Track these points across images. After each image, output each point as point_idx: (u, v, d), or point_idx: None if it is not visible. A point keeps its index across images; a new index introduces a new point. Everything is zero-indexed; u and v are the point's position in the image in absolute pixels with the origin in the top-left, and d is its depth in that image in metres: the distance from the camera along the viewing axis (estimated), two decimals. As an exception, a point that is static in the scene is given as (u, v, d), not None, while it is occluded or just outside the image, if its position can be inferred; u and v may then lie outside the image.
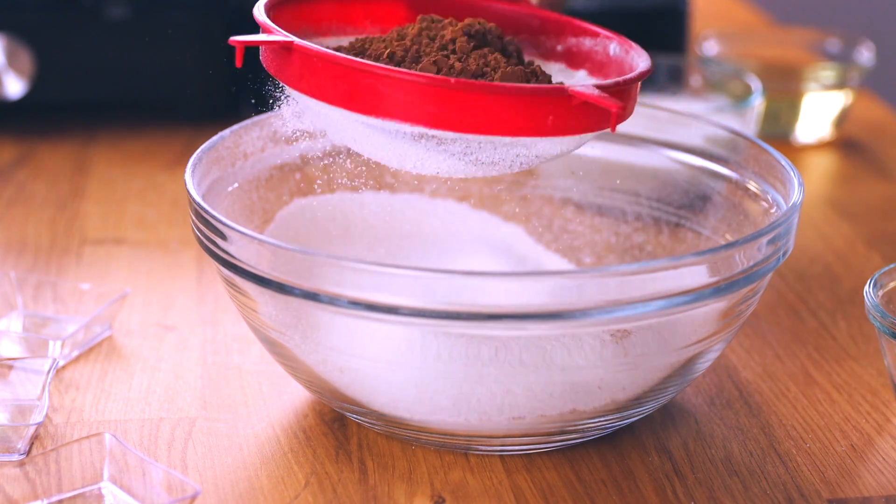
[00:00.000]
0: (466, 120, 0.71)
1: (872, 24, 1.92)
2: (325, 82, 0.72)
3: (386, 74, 0.71)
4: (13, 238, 1.04)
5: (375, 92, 0.71)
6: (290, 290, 0.72)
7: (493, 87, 0.71)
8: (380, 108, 0.72)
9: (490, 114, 0.71)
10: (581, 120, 0.72)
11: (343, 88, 0.72)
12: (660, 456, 0.78)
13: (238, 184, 0.85)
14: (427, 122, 0.71)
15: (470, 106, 0.71)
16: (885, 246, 1.04)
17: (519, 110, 0.71)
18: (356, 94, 0.72)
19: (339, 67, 0.72)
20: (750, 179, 0.85)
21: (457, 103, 0.71)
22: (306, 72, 0.73)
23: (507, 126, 0.71)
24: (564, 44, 0.83)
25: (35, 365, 0.81)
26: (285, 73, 0.74)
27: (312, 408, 0.82)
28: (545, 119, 0.71)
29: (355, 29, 0.83)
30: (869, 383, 0.85)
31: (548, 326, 0.71)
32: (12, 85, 1.19)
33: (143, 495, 0.72)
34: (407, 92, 0.71)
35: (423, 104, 0.71)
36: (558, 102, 0.71)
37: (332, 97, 0.73)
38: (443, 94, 0.71)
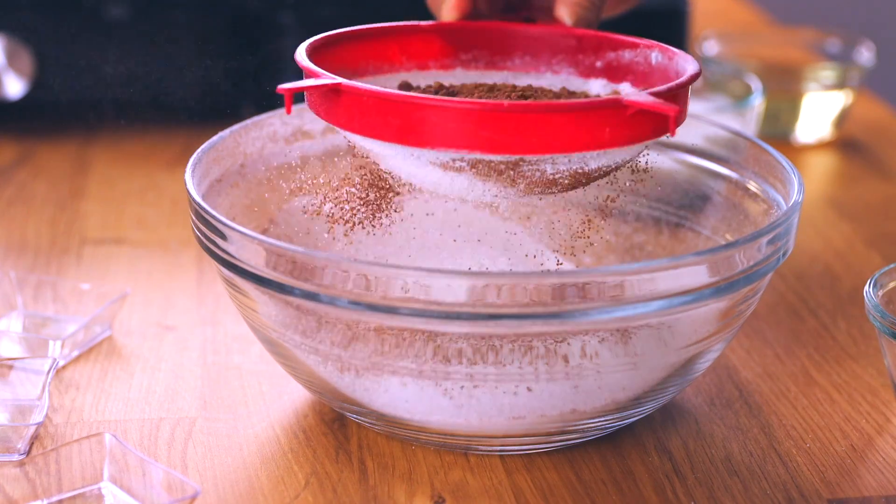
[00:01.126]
0: (521, 141, 0.71)
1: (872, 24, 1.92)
2: (377, 120, 0.72)
3: (438, 105, 0.71)
4: (13, 238, 1.04)
5: (428, 124, 0.71)
6: (290, 290, 0.72)
7: (547, 105, 0.71)
8: (433, 140, 0.71)
9: (545, 132, 0.71)
10: (638, 129, 0.72)
11: (395, 124, 0.72)
12: (660, 456, 0.78)
13: (238, 184, 0.85)
14: (482, 148, 0.71)
15: (523, 126, 0.71)
16: (885, 246, 1.04)
17: (574, 125, 0.71)
18: (408, 128, 0.72)
19: (389, 103, 0.72)
20: (750, 179, 0.85)
21: (510, 125, 0.71)
22: (356, 112, 0.73)
23: (563, 143, 0.71)
24: (604, 59, 0.83)
25: (35, 365, 0.81)
26: (334, 115, 0.74)
27: (312, 408, 0.82)
28: (602, 132, 0.71)
29: (391, 66, 0.83)
30: (869, 383, 0.85)
31: (548, 326, 0.71)
32: (12, 85, 1.19)
33: (143, 495, 0.72)
34: (459, 119, 0.71)
35: (477, 130, 0.71)
36: (613, 113, 0.71)
37: (384, 134, 0.72)
38: (496, 117, 0.70)
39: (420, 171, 0.74)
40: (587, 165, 0.73)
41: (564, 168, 0.73)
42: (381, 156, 0.75)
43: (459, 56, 0.85)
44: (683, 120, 0.75)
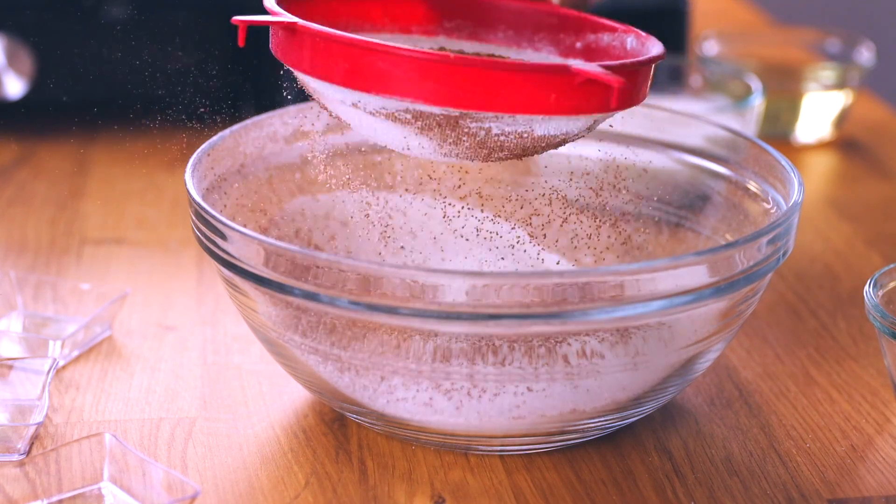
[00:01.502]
0: (465, 95, 0.70)
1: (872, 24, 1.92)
2: (327, 61, 0.72)
3: (386, 50, 0.71)
4: (13, 238, 1.04)
5: (375, 69, 0.71)
6: (289, 290, 0.72)
7: (493, 62, 0.71)
8: (379, 85, 0.71)
9: (490, 89, 0.70)
10: (585, 99, 0.71)
11: (343, 67, 0.72)
12: (660, 456, 0.78)
13: (238, 184, 0.85)
14: (426, 99, 0.71)
15: (469, 81, 0.70)
16: (885, 246, 1.04)
17: (520, 86, 0.70)
18: (355, 72, 0.71)
19: (339, 45, 0.72)
20: (750, 179, 0.85)
21: (456, 78, 0.70)
22: (308, 52, 0.73)
23: (508, 102, 0.71)
24: (583, 41, 0.83)
25: (35, 365, 0.81)
26: (290, 56, 0.74)
27: (312, 408, 0.82)
28: (547, 96, 0.71)
29: (373, 27, 0.83)
30: (869, 383, 0.85)
31: (548, 326, 0.71)
32: (12, 85, 1.19)
33: (143, 495, 0.72)
34: (405, 67, 0.70)
35: (421, 79, 0.70)
36: (560, 79, 0.71)
37: (333, 76, 0.72)
38: (442, 68, 0.70)
39: (365, 119, 0.74)
40: (533, 131, 0.73)
41: (510, 130, 0.72)
42: (330, 99, 0.75)
43: (443, 23, 0.84)
44: (638, 100, 0.74)
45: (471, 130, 0.72)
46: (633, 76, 0.73)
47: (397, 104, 0.72)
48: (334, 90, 0.74)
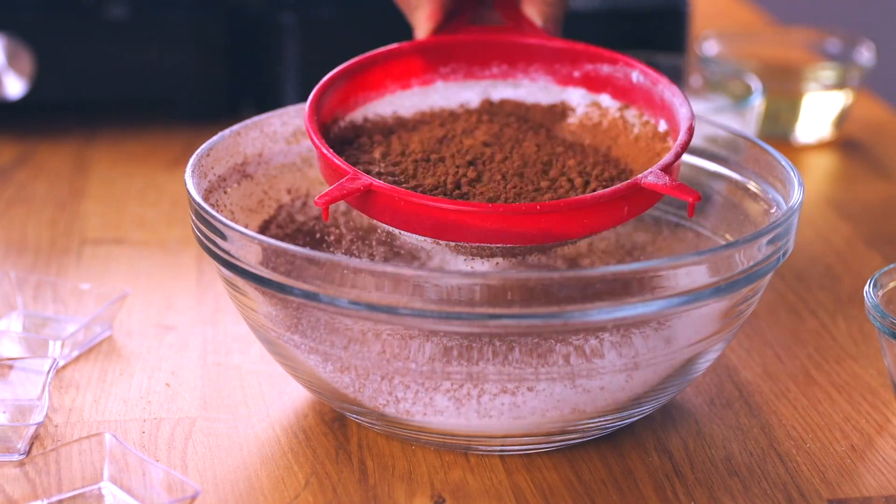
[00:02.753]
0: (550, 236, 0.74)
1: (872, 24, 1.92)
2: (409, 218, 0.74)
3: (470, 211, 0.73)
4: (13, 238, 1.04)
5: (461, 225, 0.73)
6: (290, 290, 0.72)
7: (574, 202, 0.74)
8: (467, 236, 0.74)
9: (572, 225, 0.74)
10: (652, 199, 0.76)
11: (427, 223, 0.74)
12: (660, 456, 0.78)
13: (238, 184, 0.85)
14: (513, 241, 0.74)
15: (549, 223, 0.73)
16: (885, 246, 1.04)
17: (598, 215, 0.74)
18: (442, 228, 0.74)
19: (419, 206, 0.74)
20: (750, 179, 0.85)
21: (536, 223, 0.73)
22: (390, 209, 0.75)
23: (589, 228, 0.74)
24: (581, 70, 0.84)
25: (35, 365, 0.81)
26: (370, 209, 0.76)
27: (312, 408, 0.82)
28: (621, 212, 0.75)
29: (378, 93, 0.84)
30: (869, 383, 0.85)
31: (548, 326, 0.71)
32: (12, 85, 1.19)
33: (143, 495, 0.72)
34: (491, 221, 0.73)
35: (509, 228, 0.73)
36: (633, 197, 0.75)
37: (417, 229, 0.74)
38: (528, 219, 0.73)
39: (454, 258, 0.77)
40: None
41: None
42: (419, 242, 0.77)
43: (439, 70, 0.86)
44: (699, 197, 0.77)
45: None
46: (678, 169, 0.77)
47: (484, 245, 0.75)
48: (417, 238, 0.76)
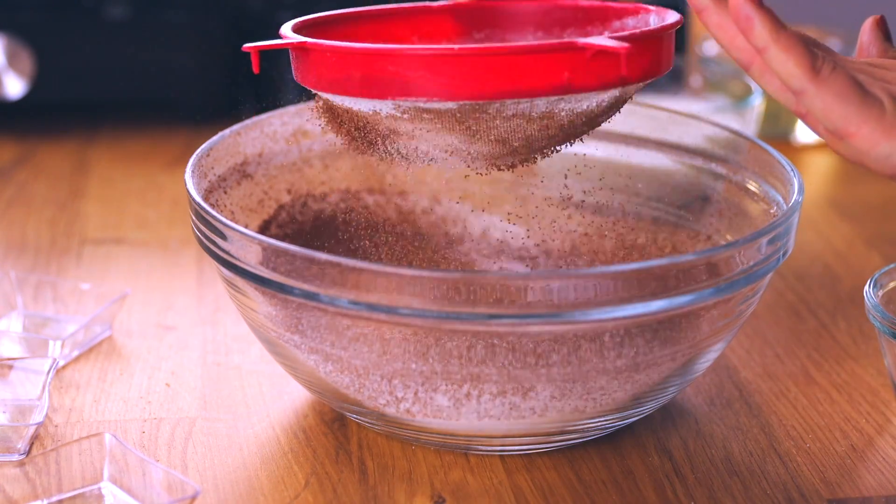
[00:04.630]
0: (477, 85, 0.70)
1: (872, 24, 1.91)
2: (340, 75, 0.72)
3: (392, 52, 0.71)
4: (13, 238, 1.04)
5: (385, 73, 0.71)
6: (290, 290, 0.72)
7: (498, 48, 0.71)
8: (391, 89, 0.71)
9: (500, 75, 0.70)
10: (598, 72, 0.71)
11: (356, 76, 0.72)
12: (660, 456, 0.78)
13: (238, 184, 0.85)
14: (440, 94, 0.71)
15: (478, 69, 0.70)
16: (885, 246, 1.04)
17: (531, 67, 0.70)
18: (368, 79, 0.71)
19: (347, 56, 0.72)
20: (750, 179, 0.85)
21: (465, 69, 0.70)
22: (322, 69, 0.73)
23: (522, 87, 0.70)
24: (610, 28, 0.83)
25: (35, 365, 0.81)
26: (306, 77, 0.74)
27: (312, 408, 0.82)
28: (561, 75, 0.71)
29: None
30: (869, 383, 0.85)
31: (548, 326, 0.71)
32: (12, 85, 1.19)
33: (143, 495, 0.72)
34: (415, 66, 0.70)
35: (433, 76, 0.70)
36: (571, 56, 0.70)
37: (349, 88, 0.72)
38: (449, 61, 0.70)
39: (392, 124, 0.74)
40: (556, 114, 0.73)
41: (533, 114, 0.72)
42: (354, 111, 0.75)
43: (473, 35, 0.84)
44: (657, 68, 0.74)
45: (491, 123, 0.72)
46: (646, 44, 0.72)
47: (413, 106, 0.72)
48: (353, 103, 0.73)
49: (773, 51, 0.66)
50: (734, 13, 0.66)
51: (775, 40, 0.66)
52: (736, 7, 0.66)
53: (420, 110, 0.72)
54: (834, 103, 0.66)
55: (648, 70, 0.73)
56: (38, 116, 1.24)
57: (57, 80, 1.20)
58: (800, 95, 0.67)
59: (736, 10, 0.66)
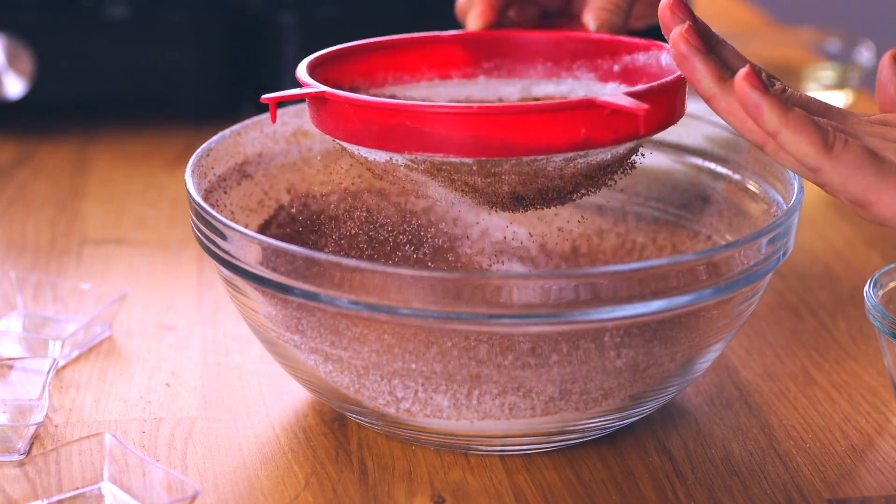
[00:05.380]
0: (495, 143, 0.71)
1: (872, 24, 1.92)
2: (357, 126, 0.73)
3: (410, 109, 0.71)
4: (13, 238, 1.04)
5: (402, 128, 0.72)
6: (290, 290, 0.72)
7: (518, 107, 0.71)
8: (408, 144, 0.72)
9: (519, 134, 0.71)
10: (614, 128, 0.72)
11: (374, 130, 0.72)
12: (660, 456, 0.78)
13: (238, 184, 0.85)
14: (460, 152, 0.71)
15: (496, 128, 0.71)
16: (885, 246, 1.04)
17: (549, 127, 0.71)
18: (386, 134, 0.72)
19: (364, 109, 0.72)
20: (750, 179, 0.85)
21: (483, 127, 0.71)
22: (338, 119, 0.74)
23: (539, 145, 0.71)
24: (620, 63, 0.83)
25: (35, 365, 0.81)
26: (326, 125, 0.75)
27: (312, 408, 0.82)
28: (578, 132, 0.71)
29: (413, 77, 0.84)
30: (869, 383, 0.85)
31: (548, 326, 0.71)
32: (12, 85, 1.19)
33: (143, 495, 0.72)
34: (433, 123, 0.71)
35: (451, 133, 0.71)
36: (588, 114, 0.71)
37: (367, 140, 0.73)
38: (469, 119, 0.71)
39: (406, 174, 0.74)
40: (573, 166, 0.73)
41: (550, 168, 0.73)
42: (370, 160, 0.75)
43: (482, 64, 0.85)
44: (671, 118, 0.74)
45: (507, 177, 0.73)
46: (661, 99, 0.73)
47: (430, 159, 0.72)
48: (369, 153, 0.74)
49: (784, 134, 0.67)
50: (742, 101, 0.67)
51: (785, 124, 0.67)
52: (743, 97, 0.67)
53: (436, 164, 0.72)
54: (851, 176, 0.67)
55: (664, 122, 0.74)
56: (38, 116, 1.24)
57: (57, 80, 1.20)
58: (817, 172, 0.67)
59: (743, 98, 0.67)
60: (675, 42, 0.69)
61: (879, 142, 0.68)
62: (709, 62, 0.69)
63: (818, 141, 0.67)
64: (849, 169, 0.67)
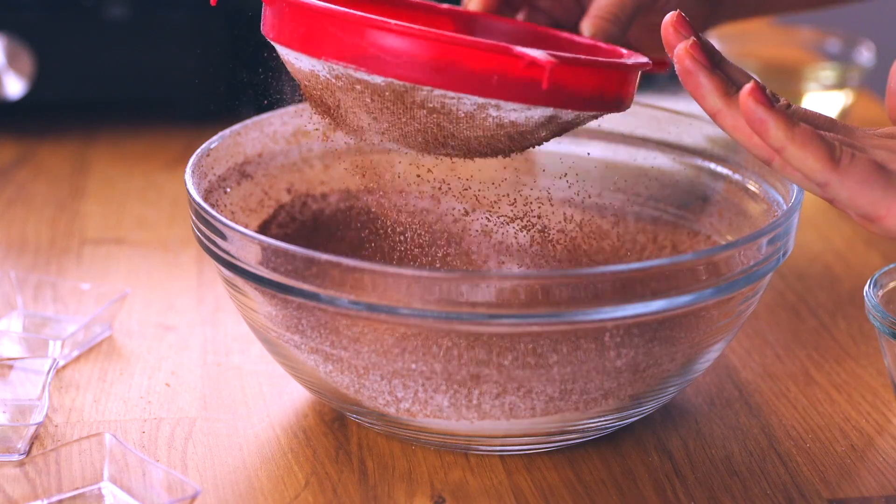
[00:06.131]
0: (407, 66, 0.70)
1: (872, 24, 1.92)
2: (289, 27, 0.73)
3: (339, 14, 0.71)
4: (13, 238, 1.04)
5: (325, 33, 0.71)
6: (289, 290, 0.72)
7: (434, 34, 0.70)
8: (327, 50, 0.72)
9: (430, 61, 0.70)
10: (528, 84, 0.71)
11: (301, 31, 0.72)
12: (660, 456, 0.78)
13: (238, 184, 0.85)
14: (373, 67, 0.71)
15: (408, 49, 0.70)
16: (885, 246, 1.04)
17: (462, 62, 0.70)
18: (309, 36, 0.72)
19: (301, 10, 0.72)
20: (750, 179, 0.85)
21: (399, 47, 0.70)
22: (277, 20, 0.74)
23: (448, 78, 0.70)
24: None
25: (35, 365, 0.81)
26: (266, 26, 0.75)
27: (312, 408, 0.82)
28: (490, 76, 0.70)
29: None
30: (869, 383, 0.85)
31: (548, 326, 0.71)
32: (12, 85, 1.19)
33: (143, 495, 0.72)
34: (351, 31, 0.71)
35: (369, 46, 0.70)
36: (503, 59, 0.70)
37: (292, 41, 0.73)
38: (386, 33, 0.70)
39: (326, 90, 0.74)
40: (482, 117, 0.72)
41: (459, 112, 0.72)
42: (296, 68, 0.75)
43: None
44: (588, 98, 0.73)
45: (418, 110, 0.72)
46: (582, 70, 0.72)
47: (345, 73, 0.72)
48: (296, 59, 0.74)
49: (790, 150, 0.66)
50: (747, 117, 0.67)
51: (791, 139, 0.66)
52: (748, 112, 0.66)
53: (352, 80, 0.72)
54: (859, 190, 0.67)
55: (581, 98, 0.72)
56: (38, 116, 1.24)
57: (57, 80, 1.20)
58: (824, 187, 0.67)
59: (749, 114, 0.67)
60: (680, 57, 0.68)
61: (886, 154, 0.68)
62: (714, 78, 0.68)
63: (825, 156, 0.66)
64: (856, 183, 0.67)
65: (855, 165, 0.66)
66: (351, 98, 0.73)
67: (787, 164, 0.68)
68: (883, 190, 0.67)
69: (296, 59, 0.74)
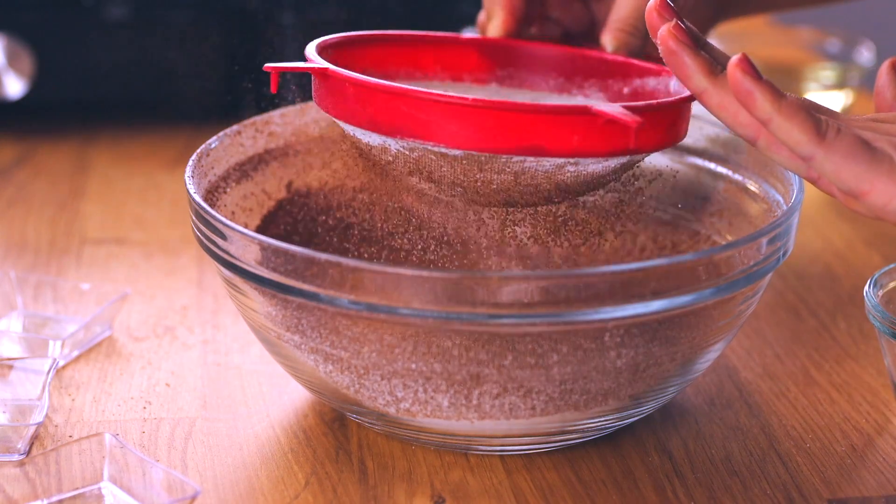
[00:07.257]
0: (485, 138, 0.71)
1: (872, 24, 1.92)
2: (354, 106, 0.73)
3: (407, 94, 0.71)
4: (13, 238, 1.04)
5: (397, 112, 0.71)
6: (290, 290, 0.72)
7: (511, 104, 0.71)
8: (401, 129, 0.72)
9: (509, 132, 0.70)
10: (607, 139, 0.71)
11: (368, 111, 0.72)
12: (660, 456, 0.78)
13: (238, 184, 0.85)
14: (452, 143, 0.71)
15: (489, 123, 0.70)
16: (885, 246, 1.04)
17: (542, 128, 0.70)
18: (378, 116, 0.72)
19: (363, 90, 0.72)
20: (750, 179, 0.85)
21: (476, 120, 0.71)
22: (336, 98, 0.74)
23: (529, 145, 0.71)
24: (630, 86, 0.83)
25: (35, 365, 0.81)
26: (325, 103, 0.75)
27: (312, 408, 0.82)
28: (570, 138, 0.71)
29: (425, 75, 0.84)
30: (869, 383, 0.85)
31: (548, 326, 0.71)
32: (12, 85, 1.19)
33: (143, 495, 0.72)
34: (426, 111, 0.71)
35: (443, 123, 0.71)
36: (582, 120, 0.71)
37: (359, 120, 0.73)
38: (463, 111, 0.70)
39: (397, 162, 0.74)
40: (562, 173, 0.73)
41: (539, 171, 0.73)
42: (363, 144, 0.75)
43: (495, 72, 0.85)
44: (668, 138, 0.74)
45: (496, 175, 0.73)
46: (658, 117, 0.73)
47: (420, 145, 0.72)
48: (364, 135, 0.74)
49: (777, 121, 0.66)
50: (735, 88, 0.67)
51: (778, 110, 0.66)
52: (736, 83, 0.66)
53: (427, 152, 0.72)
54: (844, 164, 0.67)
55: (659, 142, 0.73)
56: (38, 116, 1.24)
57: (57, 80, 1.20)
58: (809, 161, 0.67)
59: (736, 85, 0.66)
60: (664, 38, 0.68)
61: (871, 133, 0.68)
62: (698, 57, 0.68)
63: (811, 128, 0.66)
64: (842, 157, 0.67)
65: (840, 140, 0.67)
66: (424, 168, 0.74)
67: (772, 142, 0.68)
68: (868, 164, 0.67)
69: (363, 135, 0.74)
